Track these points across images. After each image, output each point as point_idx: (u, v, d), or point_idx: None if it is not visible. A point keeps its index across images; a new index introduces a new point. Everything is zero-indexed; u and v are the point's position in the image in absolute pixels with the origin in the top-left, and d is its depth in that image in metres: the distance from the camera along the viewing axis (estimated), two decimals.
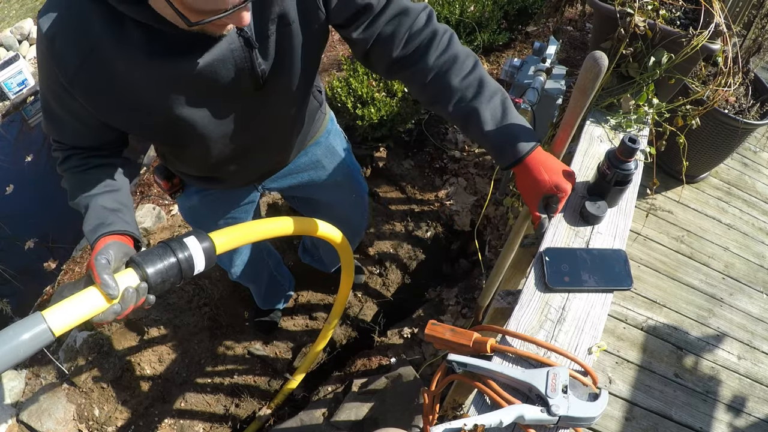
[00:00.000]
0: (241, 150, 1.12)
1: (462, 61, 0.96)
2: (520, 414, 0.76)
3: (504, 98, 0.95)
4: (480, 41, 3.04)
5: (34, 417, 1.96)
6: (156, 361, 2.10)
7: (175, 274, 0.80)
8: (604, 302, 0.95)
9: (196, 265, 0.82)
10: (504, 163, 0.94)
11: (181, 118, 0.93)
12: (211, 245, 0.85)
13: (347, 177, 1.52)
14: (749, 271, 2.26)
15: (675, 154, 2.32)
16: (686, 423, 1.74)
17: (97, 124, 0.92)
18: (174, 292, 2.20)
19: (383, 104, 2.41)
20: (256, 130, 1.09)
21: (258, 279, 1.89)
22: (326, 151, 1.40)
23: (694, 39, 1.22)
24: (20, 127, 4.58)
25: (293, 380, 1.95)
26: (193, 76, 0.86)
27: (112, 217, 0.89)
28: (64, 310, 0.70)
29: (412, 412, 1.67)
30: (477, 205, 2.58)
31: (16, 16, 5.48)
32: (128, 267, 0.79)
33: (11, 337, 0.65)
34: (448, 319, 2.16)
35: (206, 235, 0.85)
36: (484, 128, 0.92)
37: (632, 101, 1.31)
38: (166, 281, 0.79)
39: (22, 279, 2.91)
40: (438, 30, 0.97)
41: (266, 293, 2.05)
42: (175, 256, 0.79)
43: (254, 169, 1.27)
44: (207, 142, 1.02)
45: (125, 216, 0.91)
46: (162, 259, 0.78)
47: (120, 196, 0.95)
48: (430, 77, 0.96)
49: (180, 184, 1.29)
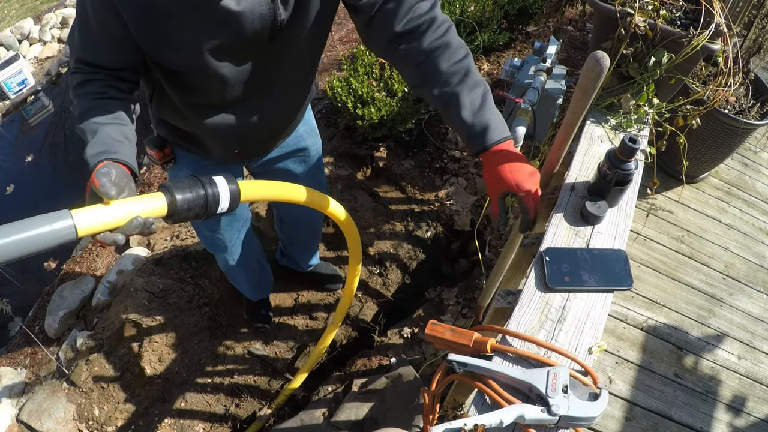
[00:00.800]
0: (251, 101, 1.15)
1: (454, 49, 1.00)
2: (520, 414, 0.76)
3: (486, 91, 1.00)
4: (480, 41, 3.04)
5: (34, 417, 1.96)
6: (156, 361, 2.10)
7: (200, 206, 0.84)
8: (605, 302, 0.95)
9: (221, 203, 0.87)
10: (473, 149, 0.99)
11: (204, 49, 0.97)
12: (237, 189, 0.90)
13: (316, 152, 1.60)
14: (749, 271, 2.26)
15: (675, 154, 2.32)
16: (686, 423, 1.74)
17: (129, 44, 0.96)
18: (174, 291, 2.20)
19: (383, 104, 2.41)
20: (266, 83, 1.14)
21: (249, 264, 1.89)
22: (308, 128, 1.52)
23: (695, 39, 1.22)
24: (20, 126, 4.58)
25: (298, 378, 1.95)
26: (225, 11, 0.92)
27: (118, 146, 0.91)
28: (90, 213, 0.73)
29: (412, 412, 1.67)
30: (477, 205, 2.58)
31: (16, 15, 5.48)
32: (159, 191, 0.83)
33: (37, 224, 0.67)
34: (448, 319, 2.16)
35: (234, 179, 0.90)
36: (462, 114, 0.97)
37: (632, 101, 1.31)
38: (191, 210, 0.83)
39: (22, 279, 2.91)
40: (438, 17, 1.02)
41: (259, 280, 2.06)
42: (204, 189, 0.84)
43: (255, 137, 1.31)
44: (222, 81, 1.06)
45: (129, 149, 0.93)
46: (192, 189, 0.83)
47: (127, 131, 0.96)
48: (422, 59, 1.01)
49: (171, 153, 1.32)
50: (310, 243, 2.12)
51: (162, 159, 1.30)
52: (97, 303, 2.28)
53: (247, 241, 1.75)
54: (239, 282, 2.03)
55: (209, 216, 0.88)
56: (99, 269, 2.53)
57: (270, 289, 2.21)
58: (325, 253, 2.51)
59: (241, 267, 1.82)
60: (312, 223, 1.95)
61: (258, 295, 2.17)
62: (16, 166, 4.02)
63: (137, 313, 2.12)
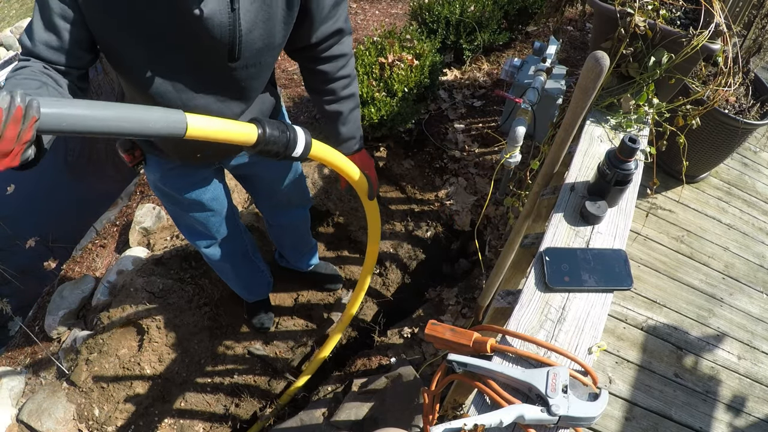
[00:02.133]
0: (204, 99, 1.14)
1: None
2: (520, 414, 0.76)
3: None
4: (480, 41, 3.04)
5: (34, 417, 1.96)
6: (156, 361, 2.10)
7: (281, 144, 0.98)
8: (604, 302, 0.95)
9: (297, 147, 1.02)
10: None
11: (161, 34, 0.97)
12: (310, 141, 1.05)
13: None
14: (749, 271, 2.26)
15: (675, 154, 2.32)
16: (686, 423, 1.74)
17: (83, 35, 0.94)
18: (174, 291, 2.20)
19: (383, 104, 2.41)
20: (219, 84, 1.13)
21: (234, 258, 1.87)
22: None
23: (695, 39, 1.22)
24: None
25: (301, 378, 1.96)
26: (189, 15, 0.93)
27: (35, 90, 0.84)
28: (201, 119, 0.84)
29: (412, 411, 1.67)
30: (477, 205, 2.58)
31: (16, 15, 5.48)
32: (252, 122, 0.95)
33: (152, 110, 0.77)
34: (448, 319, 2.16)
35: (310, 133, 1.05)
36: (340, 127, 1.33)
37: (632, 101, 1.31)
38: (274, 144, 0.97)
39: (22, 279, 2.91)
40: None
41: (250, 279, 2.05)
42: (287, 132, 0.99)
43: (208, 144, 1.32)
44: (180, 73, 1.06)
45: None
46: (279, 129, 0.98)
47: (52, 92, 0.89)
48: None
49: (141, 155, 1.35)
50: (299, 244, 2.12)
51: (132, 161, 1.34)
52: (97, 303, 2.28)
53: (232, 233, 1.75)
54: (229, 278, 2.00)
55: (284, 158, 1.01)
56: (99, 269, 2.53)
57: (269, 290, 2.20)
58: (325, 253, 2.51)
59: (224, 260, 1.81)
60: (294, 226, 1.96)
61: (253, 296, 2.17)
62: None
63: (137, 313, 2.12)
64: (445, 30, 2.97)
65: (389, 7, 4.23)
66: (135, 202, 2.76)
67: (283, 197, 1.74)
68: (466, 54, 3.12)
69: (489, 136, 2.81)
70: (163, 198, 1.52)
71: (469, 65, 3.23)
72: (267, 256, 2.35)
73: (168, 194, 1.48)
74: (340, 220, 2.54)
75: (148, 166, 1.40)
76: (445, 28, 2.97)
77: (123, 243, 2.62)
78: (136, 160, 1.35)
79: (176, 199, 1.50)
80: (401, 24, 3.74)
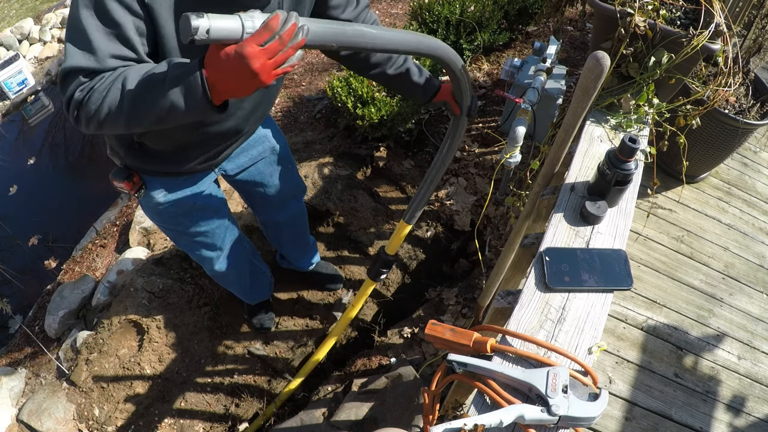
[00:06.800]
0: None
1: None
2: (520, 414, 0.76)
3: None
4: (480, 41, 3.04)
5: (34, 417, 1.96)
6: (156, 361, 2.10)
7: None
8: (604, 302, 0.95)
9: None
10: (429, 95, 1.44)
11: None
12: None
13: (283, 147, 1.69)
14: (749, 271, 2.26)
15: (675, 154, 2.32)
16: (686, 423, 1.74)
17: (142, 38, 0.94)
18: (174, 291, 2.20)
19: (383, 104, 2.41)
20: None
21: (239, 264, 1.86)
22: (272, 127, 1.64)
23: (695, 39, 1.22)
24: (20, 126, 4.58)
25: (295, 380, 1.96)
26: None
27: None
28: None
29: (412, 412, 1.67)
30: (477, 205, 2.58)
31: (16, 15, 5.48)
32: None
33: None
34: (448, 319, 2.16)
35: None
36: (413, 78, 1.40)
37: (632, 101, 1.31)
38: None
39: (22, 279, 2.91)
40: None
41: (251, 282, 2.03)
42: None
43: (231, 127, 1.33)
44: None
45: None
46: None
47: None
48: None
49: (140, 181, 1.35)
50: (298, 240, 2.10)
51: (132, 188, 1.33)
52: (97, 303, 2.28)
53: (235, 240, 1.75)
54: (232, 285, 1.99)
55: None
56: (99, 269, 2.53)
57: (269, 291, 2.20)
58: (325, 253, 2.51)
59: (230, 268, 1.80)
60: (292, 220, 1.94)
61: (255, 298, 2.16)
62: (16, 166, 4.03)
63: (137, 313, 2.12)
64: (445, 30, 2.97)
65: (389, 7, 4.23)
66: (135, 202, 2.76)
67: (276, 191, 1.76)
68: (466, 54, 3.12)
69: (489, 136, 2.81)
70: (166, 221, 1.50)
71: (469, 65, 3.23)
72: (267, 256, 2.35)
73: (171, 213, 1.45)
74: (340, 220, 2.54)
75: (149, 189, 1.37)
76: (445, 28, 2.97)
77: (123, 243, 2.62)
78: (136, 186, 1.34)
79: (180, 216, 1.48)
80: (401, 24, 3.74)
